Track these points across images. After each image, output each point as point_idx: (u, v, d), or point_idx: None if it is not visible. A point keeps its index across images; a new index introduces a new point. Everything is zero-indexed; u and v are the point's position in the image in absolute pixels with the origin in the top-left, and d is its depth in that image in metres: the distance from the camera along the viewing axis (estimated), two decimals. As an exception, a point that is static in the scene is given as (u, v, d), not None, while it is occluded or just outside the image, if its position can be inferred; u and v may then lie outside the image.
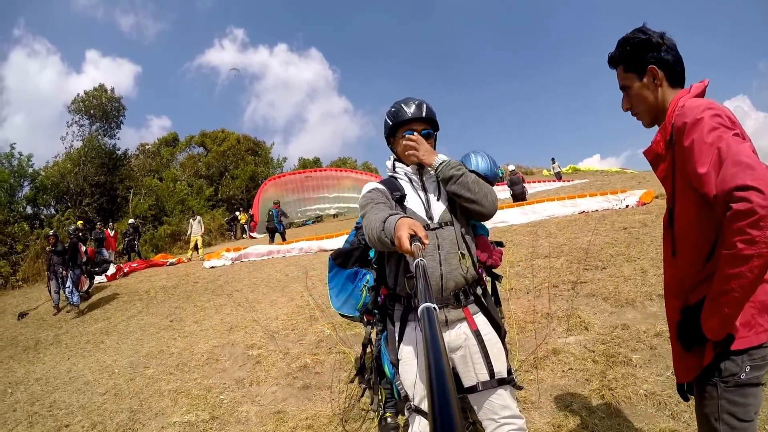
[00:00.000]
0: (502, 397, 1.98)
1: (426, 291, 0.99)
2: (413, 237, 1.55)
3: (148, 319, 8.81)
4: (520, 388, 2.16)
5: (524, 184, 16.87)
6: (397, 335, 2.08)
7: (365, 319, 2.45)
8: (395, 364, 2.08)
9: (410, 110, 2.10)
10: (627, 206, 11.17)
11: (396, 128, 2.15)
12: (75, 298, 10.19)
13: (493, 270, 2.77)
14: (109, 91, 28.70)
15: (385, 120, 2.20)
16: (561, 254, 7.36)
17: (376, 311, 2.31)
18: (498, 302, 2.94)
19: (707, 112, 1.40)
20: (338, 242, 13.21)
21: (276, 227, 17.88)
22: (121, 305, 10.42)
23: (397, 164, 2.21)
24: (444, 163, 2.05)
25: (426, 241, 1.56)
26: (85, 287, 11.01)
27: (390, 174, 2.23)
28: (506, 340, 3.71)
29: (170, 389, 4.92)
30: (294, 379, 4.62)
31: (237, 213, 26.59)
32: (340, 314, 2.79)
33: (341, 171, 29.97)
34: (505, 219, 12.35)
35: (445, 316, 1.99)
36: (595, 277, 5.85)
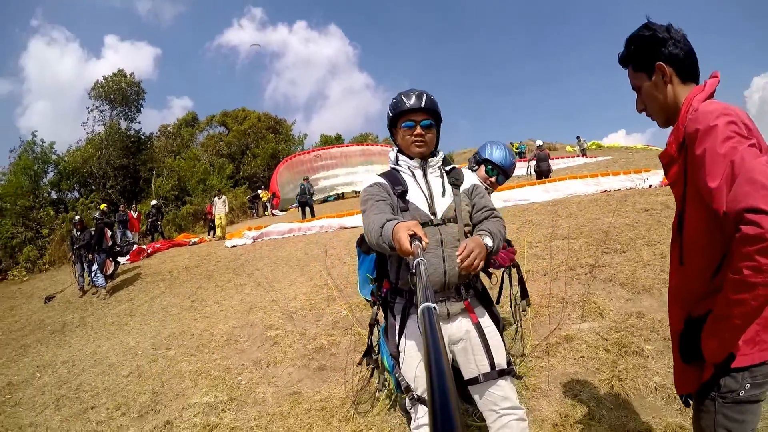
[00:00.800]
0: (503, 388, 2.02)
1: (426, 291, 0.99)
2: (413, 237, 1.55)
3: (170, 299, 9.05)
4: (519, 377, 2.21)
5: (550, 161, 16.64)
6: (397, 328, 2.11)
7: (372, 299, 2.48)
8: (395, 357, 2.11)
9: (410, 101, 2.07)
10: (650, 186, 10.92)
11: (396, 118, 2.13)
12: (100, 281, 10.53)
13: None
14: (128, 76, 28.98)
15: (387, 112, 2.17)
16: (580, 236, 7.26)
17: (381, 296, 2.32)
18: (525, 293, 2.96)
19: (722, 119, 1.30)
20: (359, 219, 13.25)
21: (308, 201, 18.16)
22: (144, 286, 10.72)
23: (400, 156, 2.18)
24: (494, 245, 1.96)
25: (426, 239, 1.56)
26: (110, 270, 11.34)
27: (392, 166, 2.21)
28: (521, 324, 3.76)
29: (191, 370, 5.08)
30: (310, 360, 4.72)
31: (259, 191, 26.82)
32: (365, 299, 2.84)
33: (350, 146, 30.02)
34: (526, 197, 12.25)
35: (447, 310, 2.02)
36: (614, 260, 5.77)
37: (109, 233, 11.62)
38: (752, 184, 1.17)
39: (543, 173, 15.52)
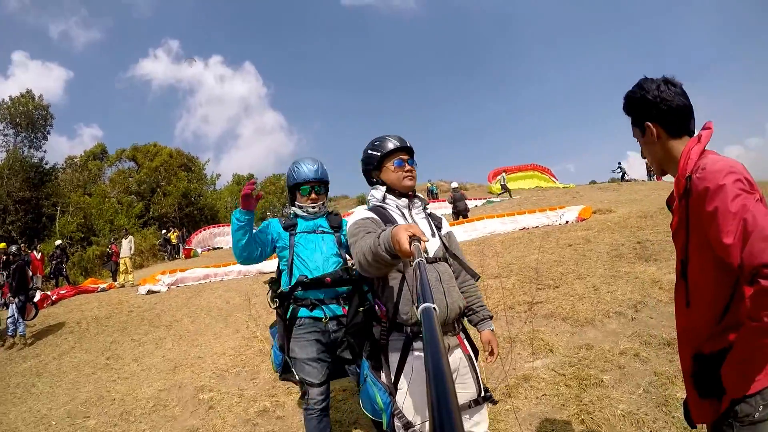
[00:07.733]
0: (483, 414, 2.15)
1: (426, 291, 0.99)
2: (412, 238, 1.56)
3: (81, 356, 8.05)
4: (495, 402, 2.26)
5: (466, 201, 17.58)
6: (396, 365, 2.05)
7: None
8: (392, 394, 2.03)
9: (396, 142, 2.23)
10: (567, 222, 11.58)
11: (383, 159, 2.23)
12: (21, 328, 9.21)
13: None
14: (36, 98, 26.75)
15: (370, 154, 2.26)
16: (511, 273, 7.46)
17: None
18: None
19: (729, 178, 1.41)
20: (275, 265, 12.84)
21: None
22: (51, 339, 9.47)
23: (388, 195, 2.23)
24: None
25: (425, 238, 1.58)
26: (32, 315, 9.99)
27: (377, 204, 2.22)
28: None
29: (116, 444, 4.44)
30: (254, 426, 4.22)
31: (166, 231, 24.61)
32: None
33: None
34: (448, 236, 12.48)
35: (448, 344, 2.09)
36: (550, 296, 5.95)
37: (30, 273, 10.26)
38: (767, 241, 1.30)
39: (461, 213, 16.22)
